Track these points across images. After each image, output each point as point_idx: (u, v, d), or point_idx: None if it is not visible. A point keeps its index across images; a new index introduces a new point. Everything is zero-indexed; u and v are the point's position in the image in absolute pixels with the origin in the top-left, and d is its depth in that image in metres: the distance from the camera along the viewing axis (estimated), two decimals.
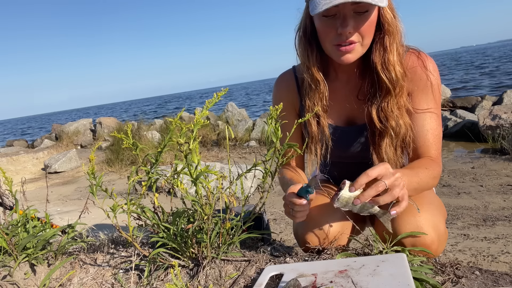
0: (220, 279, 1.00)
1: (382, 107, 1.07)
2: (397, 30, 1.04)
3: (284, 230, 3.04)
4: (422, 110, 1.09)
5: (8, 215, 1.31)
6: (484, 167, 4.26)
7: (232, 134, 1.95)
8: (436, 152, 1.09)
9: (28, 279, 1.16)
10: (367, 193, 0.85)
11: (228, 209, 1.08)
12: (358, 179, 0.86)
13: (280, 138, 1.00)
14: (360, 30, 0.99)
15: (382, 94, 1.07)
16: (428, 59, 1.09)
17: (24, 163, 7.12)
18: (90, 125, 11.47)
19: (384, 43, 1.04)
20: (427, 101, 1.08)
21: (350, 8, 0.96)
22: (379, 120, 1.08)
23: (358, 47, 1.02)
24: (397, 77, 1.04)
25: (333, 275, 0.85)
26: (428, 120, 1.08)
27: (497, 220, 2.84)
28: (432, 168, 1.04)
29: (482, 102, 7.69)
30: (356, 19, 0.97)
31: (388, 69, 1.04)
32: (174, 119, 0.93)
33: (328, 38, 1.02)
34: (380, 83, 1.06)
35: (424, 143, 1.08)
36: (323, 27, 1.02)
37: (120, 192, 4.82)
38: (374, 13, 0.99)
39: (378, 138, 1.10)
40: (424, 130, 1.08)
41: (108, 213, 0.98)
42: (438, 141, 1.10)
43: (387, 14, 1.01)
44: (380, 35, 1.04)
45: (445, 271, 0.91)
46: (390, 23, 1.02)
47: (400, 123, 1.06)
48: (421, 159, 1.08)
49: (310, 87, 1.14)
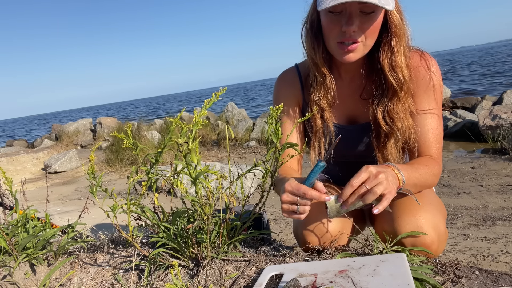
0: (220, 279, 1.00)
1: (388, 108, 1.08)
2: (404, 32, 1.04)
3: (284, 230, 3.04)
4: (423, 111, 1.09)
5: (8, 215, 1.31)
6: (484, 167, 4.26)
7: (232, 134, 1.95)
8: (436, 151, 1.10)
9: (28, 279, 1.16)
10: (350, 200, 0.90)
11: (228, 209, 1.08)
12: (343, 192, 0.90)
13: (282, 136, 1.00)
14: (364, 30, 0.99)
15: (389, 96, 1.07)
16: (431, 59, 1.09)
17: (24, 163, 7.12)
18: (90, 125, 11.47)
19: (392, 45, 1.04)
20: (429, 102, 1.09)
21: (357, 7, 0.96)
22: (385, 122, 1.08)
23: (360, 47, 1.02)
24: (404, 79, 1.04)
25: (333, 275, 0.85)
26: (429, 120, 1.09)
27: (497, 220, 2.84)
28: (432, 165, 1.05)
29: (482, 102, 7.69)
30: (361, 19, 0.98)
31: (396, 71, 1.04)
32: (174, 119, 0.93)
33: (332, 35, 1.03)
34: (387, 85, 1.07)
35: (424, 143, 1.09)
36: (328, 23, 1.02)
37: (120, 192, 4.82)
38: (380, 15, 0.99)
39: (383, 139, 1.11)
40: (425, 130, 1.09)
41: (108, 213, 0.98)
42: (439, 140, 1.10)
43: (395, 16, 1.02)
44: (388, 37, 1.04)
45: (445, 271, 0.91)
46: (397, 26, 1.02)
47: (405, 125, 1.07)
48: (421, 157, 1.09)
49: (316, 81, 1.14)
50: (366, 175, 0.88)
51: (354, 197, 0.89)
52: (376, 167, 0.90)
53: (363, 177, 0.88)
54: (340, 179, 1.36)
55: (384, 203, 0.87)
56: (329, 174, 1.36)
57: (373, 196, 0.86)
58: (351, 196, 0.89)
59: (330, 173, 1.35)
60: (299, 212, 0.93)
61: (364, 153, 1.19)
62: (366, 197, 0.87)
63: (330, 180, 1.37)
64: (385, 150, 1.11)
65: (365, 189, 0.87)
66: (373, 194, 0.86)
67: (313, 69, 1.14)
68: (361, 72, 1.14)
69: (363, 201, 0.89)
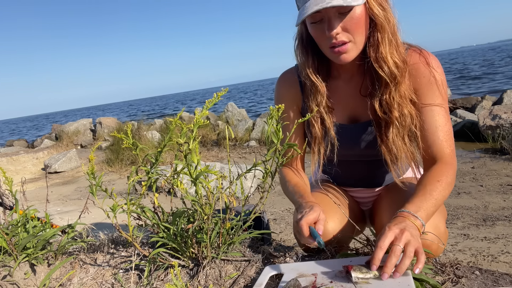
0: (220, 279, 1.00)
1: (383, 99, 1.07)
2: (387, 21, 1.03)
3: (284, 230, 3.04)
4: (429, 105, 1.07)
5: (8, 215, 1.31)
6: (484, 167, 4.26)
7: (232, 134, 1.95)
8: (448, 149, 1.06)
9: (28, 279, 1.16)
10: (390, 264, 0.82)
11: (228, 209, 1.08)
12: (375, 256, 0.83)
13: (282, 137, 0.99)
14: (348, 29, 1.00)
15: (382, 87, 1.07)
16: (431, 56, 1.09)
17: (24, 163, 7.12)
18: (90, 125, 11.47)
19: (376, 37, 1.04)
20: (433, 97, 1.07)
21: (333, 10, 0.97)
22: (383, 112, 1.08)
23: (351, 46, 1.03)
24: (392, 69, 1.04)
25: (333, 275, 0.86)
26: (436, 116, 1.07)
27: (497, 220, 2.84)
28: (444, 176, 1.01)
29: (482, 102, 7.69)
30: (341, 19, 0.99)
31: (384, 61, 1.04)
32: (174, 119, 0.93)
33: (322, 42, 1.05)
34: (378, 77, 1.07)
35: (434, 141, 1.06)
36: (315, 33, 1.05)
37: (120, 192, 4.82)
38: (359, 11, 0.99)
39: (384, 129, 1.10)
40: (433, 127, 1.06)
41: (108, 213, 0.98)
42: (450, 137, 1.07)
43: (374, 8, 1.01)
44: (372, 29, 1.05)
45: (445, 271, 0.92)
46: (378, 16, 1.02)
47: (405, 112, 1.06)
48: (432, 170, 1.04)
49: (310, 90, 1.16)
50: (392, 235, 0.85)
51: (393, 260, 0.82)
52: (397, 225, 0.87)
53: (390, 237, 0.84)
54: (340, 179, 1.36)
55: (422, 259, 0.82)
56: (330, 174, 1.36)
57: (409, 260, 0.82)
58: (390, 260, 0.82)
59: (331, 172, 1.35)
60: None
61: (366, 152, 1.18)
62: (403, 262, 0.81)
63: (330, 179, 1.37)
64: (388, 141, 1.09)
65: (400, 248, 0.83)
66: (409, 257, 0.82)
67: (305, 79, 1.15)
68: (358, 69, 1.15)
69: (401, 271, 0.82)
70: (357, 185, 1.36)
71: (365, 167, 1.28)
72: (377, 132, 1.12)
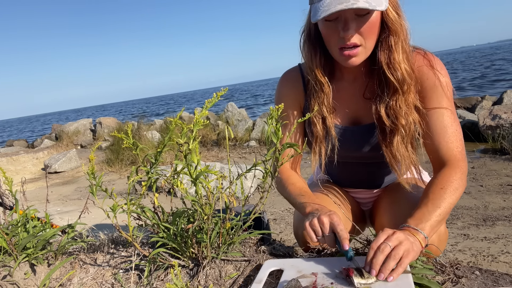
0: (220, 279, 1.00)
1: (390, 105, 1.06)
2: (401, 28, 1.03)
3: (284, 230, 3.04)
4: (434, 108, 1.06)
5: (8, 215, 1.31)
6: (484, 167, 4.26)
7: (232, 134, 1.95)
8: (457, 150, 1.04)
9: (28, 279, 1.16)
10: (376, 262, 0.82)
11: (228, 209, 1.08)
12: (374, 261, 0.82)
13: (282, 137, 0.99)
14: (362, 33, 0.99)
15: (390, 93, 1.06)
16: (434, 58, 1.08)
17: (24, 163, 7.12)
18: (90, 125, 11.47)
19: (389, 42, 1.03)
20: (438, 99, 1.06)
21: (351, 11, 0.96)
22: (389, 119, 1.07)
23: (361, 50, 1.01)
24: (403, 76, 1.03)
25: (334, 275, 0.86)
26: (442, 118, 1.05)
27: (497, 220, 2.84)
28: (449, 182, 0.99)
29: (482, 102, 7.69)
30: (357, 22, 0.97)
31: (394, 68, 1.03)
32: (174, 118, 0.93)
33: (332, 42, 1.03)
34: (387, 82, 1.06)
35: (440, 144, 1.05)
36: (326, 31, 1.02)
37: (120, 192, 4.82)
38: (375, 15, 0.99)
39: (389, 136, 1.08)
40: (439, 130, 1.05)
41: (108, 213, 0.98)
42: (459, 138, 1.05)
43: (390, 13, 1.01)
44: (385, 34, 1.04)
45: (445, 271, 0.91)
46: (393, 22, 1.01)
47: (410, 120, 1.05)
48: (435, 178, 1.03)
49: (314, 89, 1.14)
50: (385, 235, 0.85)
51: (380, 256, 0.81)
52: (394, 230, 0.87)
53: (382, 238, 0.85)
54: (341, 180, 1.36)
55: (401, 266, 0.80)
56: (330, 174, 1.36)
57: (393, 262, 0.80)
58: (375, 257, 0.82)
59: (331, 173, 1.35)
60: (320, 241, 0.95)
61: (368, 154, 1.18)
62: (387, 263, 0.80)
63: (331, 180, 1.37)
64: (392, 147, 1.08)
65: (389, 247, 0.82)
66: (393, 259, 0.80)
67: (311, 77, 1.13)
68: (363, 71, 1.14)
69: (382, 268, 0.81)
70: (357, 186, 1.35)
71: (365, 168, 1.28)
72: (380, 137, 1.11)
